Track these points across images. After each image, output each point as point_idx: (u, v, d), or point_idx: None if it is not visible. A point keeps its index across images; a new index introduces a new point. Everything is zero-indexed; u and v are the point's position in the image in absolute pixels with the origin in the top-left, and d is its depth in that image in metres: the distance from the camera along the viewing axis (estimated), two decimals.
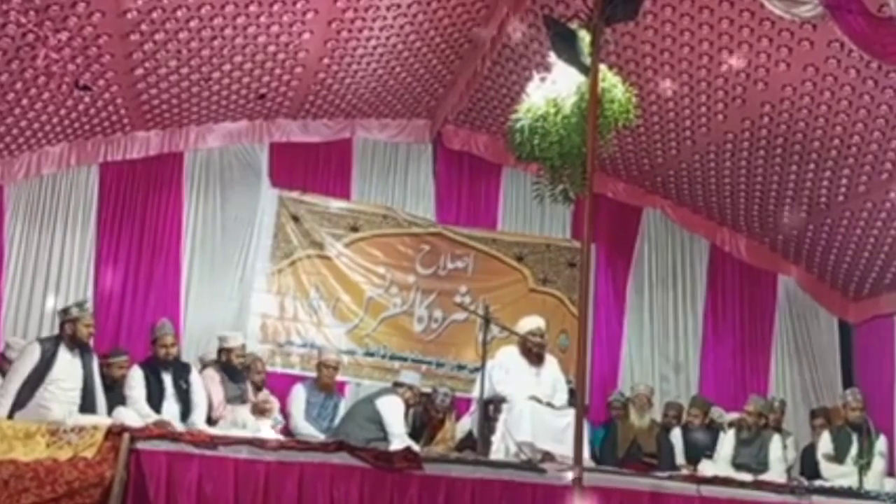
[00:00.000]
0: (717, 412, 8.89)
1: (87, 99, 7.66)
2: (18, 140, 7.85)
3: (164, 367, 7.13)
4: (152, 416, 6.70)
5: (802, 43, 7.27)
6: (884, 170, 8.16)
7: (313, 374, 8.39)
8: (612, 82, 6.00)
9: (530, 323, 7.81)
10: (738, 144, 8.71)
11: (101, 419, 6.28)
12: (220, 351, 7.73)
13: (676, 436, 8.60)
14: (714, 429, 8.64)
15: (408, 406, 7.94)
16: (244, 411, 7.32)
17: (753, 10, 7.16)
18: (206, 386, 7.50)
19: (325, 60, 8.11)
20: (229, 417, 7.29)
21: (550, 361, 7.82)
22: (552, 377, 7.67)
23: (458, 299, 9.43)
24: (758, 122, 8.32)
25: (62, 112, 7.73)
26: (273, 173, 9.30)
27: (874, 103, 7.53)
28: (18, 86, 7.07)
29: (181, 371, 7.21)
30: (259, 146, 9.25)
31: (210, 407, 7.38)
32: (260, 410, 7.38)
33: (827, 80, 7.51)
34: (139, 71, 7.52)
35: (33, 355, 6.51)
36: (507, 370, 7.54)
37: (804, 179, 8.78)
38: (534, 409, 7.11)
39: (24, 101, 7.30)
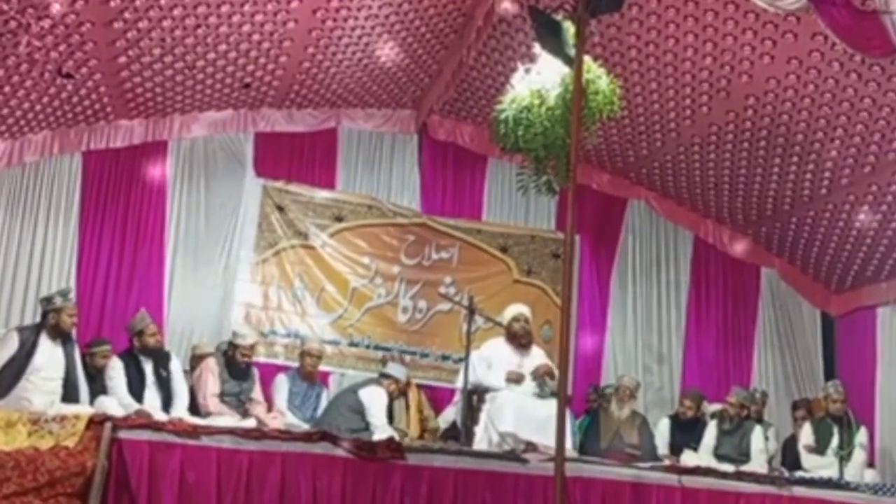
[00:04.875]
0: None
1: (69, 87, 7.61)
2: (0, 128, 7.80)
3: (144, 356, 7.10)
4: (133, 406, 6.68)
5: (786, 36, 7.28)
6: (867, 163, 8.19)
7: (297, 364, 8.38)
8: (596, 74, 5.99)
9: (513, 310, 7.87)
10: (722, 137, 8.73)
11: (83, 408, 6.26)
12: (229, 345, 7.72)
13: (664, 426, 8.63)
14: (702, 421, 8.66)
15: (391, 398, 7.95)
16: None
17: (738, 3, 7.17)
18: (201, 376, 7.47)
19: (310, 50, 8.09)
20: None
21: (537, 351, 7.85)
22: (538, 365, 7.70)
23: (442, 290, 9.43)
24: (742, 115, 8.33)
25: (45, 100, 7.68)
26: (258, 163, 9.28)
27: (857, 96, 7.56)
28: (0, 73, 7.02)
29: (161, 360, 7.18)
30: (244, 135, 9.22)
31: (197, 397, 7.37)
32: None
33: (811, 72, 7.53)
34: (122, 59, 7.48)
35: (11, 344, 6.48)
36: (489, 364, 7.56)
37: (787, 172, 8.81)
38: (516, 400, 7.13)
39: (7, 89, 7.26)
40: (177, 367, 7.28)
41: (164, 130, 8.81)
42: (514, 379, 7.44)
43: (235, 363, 7.57)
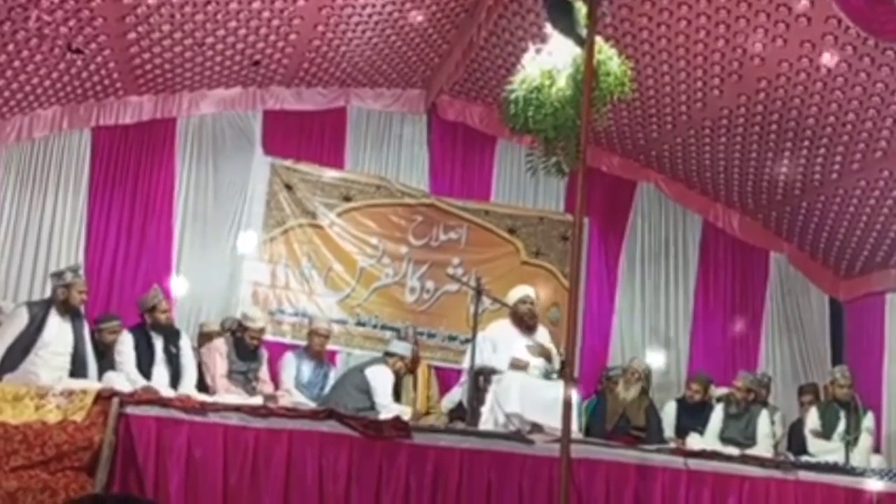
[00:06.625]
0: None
1: (79, 62, 7.60)
2: (10, 103, 7.80)
3: (155, 333, 7.12)
4: (141, 382, 6.69)
5: (800, 19, 7.22)
6: (878, 148, 8.15)
7: (304, 343, 8.40)
8: (608, 55, 5.95)
9: (519, 291, 7.90)
10: (733, 120, 8.69)
11: (91, 383, 6.29)
12: (239, 326, 7.73)
13: (671, 409, 8.63)
14: (709, 404, 8.65)
15: (398, 376, 7.97)
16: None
17: None
18: (207, 356, 7.49)
19: (320, 27, 8.06)
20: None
21: (543, 332, 7.87)
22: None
23: (450, 271, 9.42)
24: (753, 98, 8.28)
25: (54, 75, 7.67)
26: (266, 141, 9.26)
27: (870, 80, 7.50)
28: (10, 47, 7.02)
29: (172, 336, 7.20)
30: (252, 113, 9.20)
31: (205, 376, 7.39)
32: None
33: (824, 56, 7.48)
34: (132, 35, 7.46)
35: (21, 319, 6.51)
36: (494, 346, 7.57)
37: (798, 156, 8.77)
38: (523, 381, 7.13)
39: (16, 63, 7.24)
40: (186, 344, 7.30)
41: (173, 107, 8.80)
42: (520, 366, 7.44)
43: (244, 345, 7.59)
